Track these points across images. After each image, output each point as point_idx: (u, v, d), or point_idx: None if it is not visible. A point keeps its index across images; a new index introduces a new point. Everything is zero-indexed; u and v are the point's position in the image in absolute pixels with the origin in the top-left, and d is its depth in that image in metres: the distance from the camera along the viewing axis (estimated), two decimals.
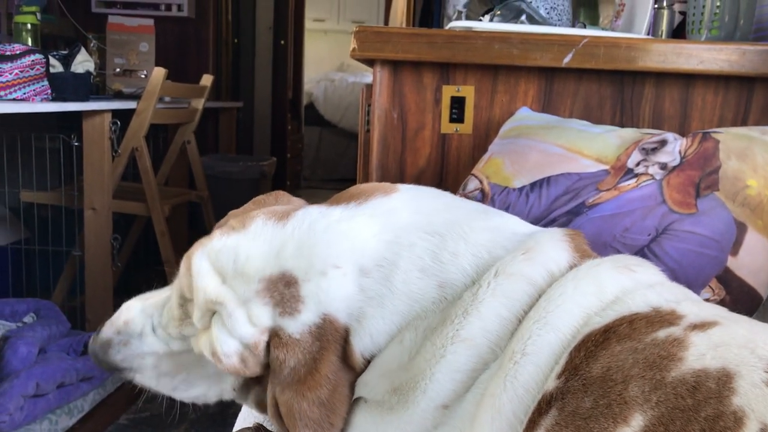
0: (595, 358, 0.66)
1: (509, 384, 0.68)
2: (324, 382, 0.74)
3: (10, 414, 1.83)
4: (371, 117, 1.50)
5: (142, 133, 2.55)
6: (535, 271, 0.75)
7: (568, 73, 1.43)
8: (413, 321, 0.75)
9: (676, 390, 0.60)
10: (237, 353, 0.76)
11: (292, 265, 0.76)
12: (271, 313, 0.75)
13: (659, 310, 0.69)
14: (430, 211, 0.81)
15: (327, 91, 6.84)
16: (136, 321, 0.86)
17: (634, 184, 1.05)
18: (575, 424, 0.63)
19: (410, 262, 0.76)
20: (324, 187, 6.58)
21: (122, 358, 0.85)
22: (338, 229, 0.78)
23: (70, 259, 2.60)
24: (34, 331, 2.10)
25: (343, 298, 0.75)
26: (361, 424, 0.76)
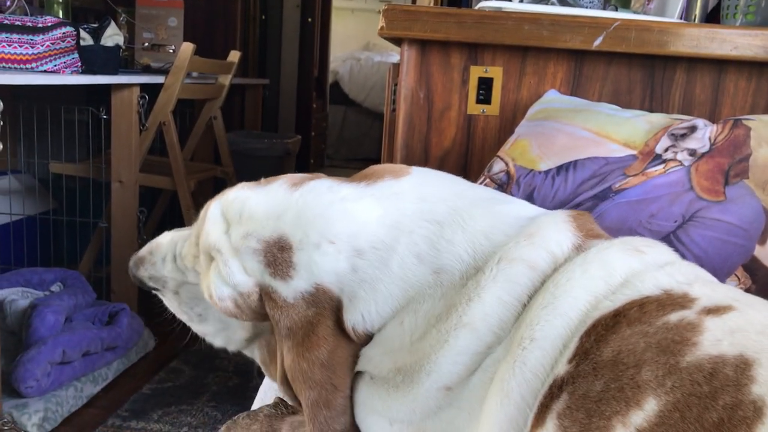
0: (605, 342, 0.66)
1: (518, 369, 0.68)
2: (322, 342, 0.76)
3: (37, 380, 1.88)
4: (397, 96, 1.50)
5: (170, 108, 2.57)
6: (537, 254, 0.75)
7: (598, 57, 1.42)
8: (411, 304, 0.77)
9: (692, 376, 0.59)
10: (231, 298, 0.79)
11: (289, 231, 0.79)
12: (264, 271, 0.78)
13: (670, 293, 0.69)
14: (435, 198, 0.82)
15: (353, 70, 6.82)
16: (163, 247, 0.91)
17: (662, 170, 1.04)
18: (586, 407, 0.63)
19: (407, 248, 0.78)
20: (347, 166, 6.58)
21: (149, 276, 0.91)
22: (341, 206, 0.80)
23: (97, 230, 2.63)
24: (61, 300, 2.14)
25: (334, 272, 0.77)
26: (368, 399, 0.78)
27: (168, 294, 0.92)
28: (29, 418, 1.83)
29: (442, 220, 0.80)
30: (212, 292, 0.80)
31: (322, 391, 0.76)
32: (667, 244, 0.98)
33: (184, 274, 0.89)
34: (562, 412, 0.64)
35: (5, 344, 2.00)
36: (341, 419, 0.78)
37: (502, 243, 0.77)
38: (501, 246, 0.77)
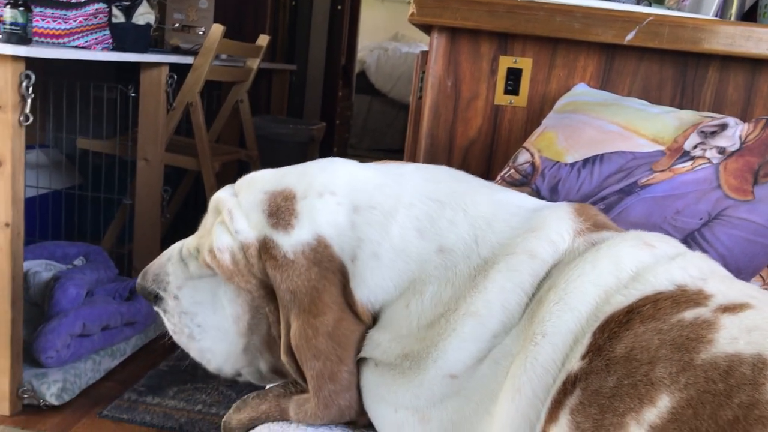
0: (618, 338, 0.66)
1: (529, 365, 0.69)
2: (327, 310, 0.76)
3: (57, 351, 1.91)
4: (424, 84, 1.50)
5: (197, 89, 2.58)
6: (537, 244, 0.76)
7: (629, 51, 1.40)
8: (416, 284, 0.77)
9: (707, 373, 0.59)
10: (229, 250, 0.79)
11: (294, 183, 0.81)
12: (266, 222, 0.79)
13: (685, 289, 0.68)
14: (437, 180, 0.84)
15: (380, 60, 6.81)
16: (171, 249, 0.91)
17: (690, 167, 1.03)
18: (599, 402, 0.63)
19: (407, 219, 0.79)
20: (370, 156, 6.57)
21: (153, 277, 0.90)
22: (344, 167, 0.83)
23: (121, 207, 2.66)
24: (83, 274, 2.17)
25: (333, 224, 0.78)
26: (373, 386, 0.78)
27: (169, 302, 0.89)
28: (48, 388, 1.86)
29: (443, 200, 0.81)
30: (213, 243, 0.81)
31: (327, 362, 0.76)
32: (692, 241, 0.97)
33: (186, 267, 0.88)
34: (575, 407, 0.64)
35: (28, 315, 2.04)
36: (346, 395, 0.78)
37: (503, 232, 0.78)
38: (502, 235, 0.78)
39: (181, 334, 0.90)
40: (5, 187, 1.71)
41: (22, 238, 1.79)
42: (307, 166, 0.84)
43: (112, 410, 1.91)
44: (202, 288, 0.87)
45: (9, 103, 1.66)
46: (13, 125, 1.67)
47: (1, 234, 1.73)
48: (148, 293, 0.90)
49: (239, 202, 0.81)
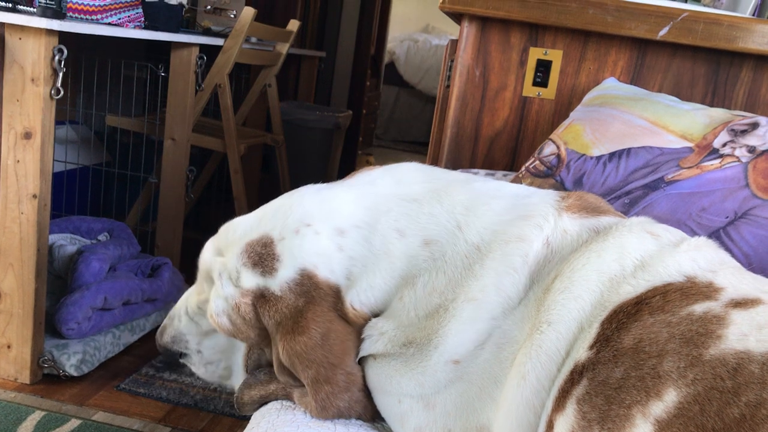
0: (626, 329, 0.65)
1: (534, 353, 0.70)
2: (312, 325, 0.77)
3: (78, 323, 1.93)
4: (453, 72, 1.49)
5: (227, 71, 2.60)
6: (527, 229, 0.77)
7: (662, 47, 1.38)
8: (409, 279, 0.79)
9: (715, 370, 0.58)
10: (225, 313, 0.83)
11: (269, 227, 0.83)
12: (252, 273, 0.81)
13: (695, 281, 0.68)
14: (409, 181, 0.86)
15: (409, 52, 6.79)
16: (178, 305, 0.97)
17: (718, 165, 1.01)
18: (605, 393, 0.63)
19: (387, 225, 0.81)
20: (395, 147, 6.57)
21: (170, 339, 0.96)
22: (314, 195, 0.85)
23: (147, 185, 2.69)
24: (106, 249, 2.20)
25: (318, 253, 0.80)
26: (376, 381, 0.80)
27: (193, 357, 0.96)
28: (68, 359, 1.89)
29: (419, 199, 0.83)
30: (211, 309, 0.84)
31: (320, 368, 0.78)
32: (716, 239, 0.96)
33: (198, 324, 0.93)
34: (582, 397, 0.64)
35: (51, 287, 2.07)
36: (344, 396, 0.79)
37: (487, 216, 0.80)
38: (488, 220, 0.79)
39: (213, 377, 0.96)
40: (34, 159, 1.73)
41: (48, 210, 1.82)
42: (278, 206, 0.86)
43: (129, 384, 1.94)
44: (221, 338, 0.93)
45: (41, 76, 1.68)
46: (44, 98, 1.70)
47: (29, 205, 1.76)
48: (173, 353, 0.96)
49: (225, 264, 0.85)
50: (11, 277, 1.81)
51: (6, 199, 1.77)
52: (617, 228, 0.76)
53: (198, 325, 0.94)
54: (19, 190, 1.75)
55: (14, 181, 1.75)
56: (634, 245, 0.73)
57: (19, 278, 1.81)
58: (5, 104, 1.71)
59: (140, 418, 1.78)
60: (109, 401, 1.84)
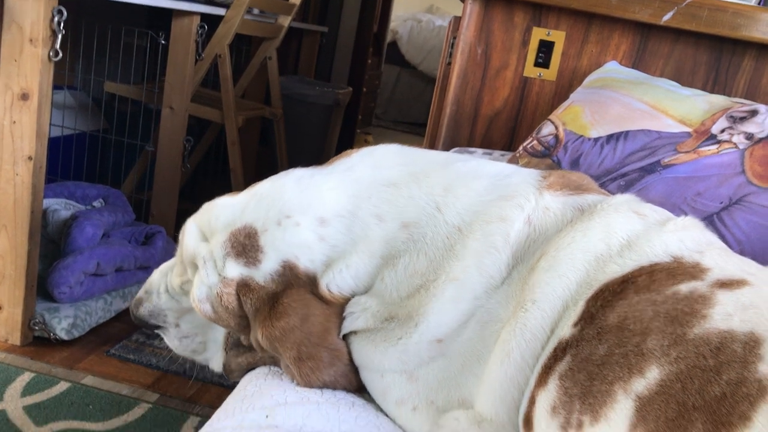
0: (611, 307, 0.66)
1: (518, 330, 0.70)
2: (289, 310, 0.78)
3: (70, 287, 1.94)
4: (454, 50, 1.48)
5: (227, 41, 2.58)
6: (508, 210, 0.77)
7: (665, 32, 1.38)
8: (389, 260, 0.79)
9: (698, 348, 0.59)
10: (208, 300, 0.84)
11: (252, 218, 0.83)
12: (236, 263, 0.82)
13: (681, 261, 0.68)
14: (387, 165, 0.86)
15: (412, 31, 6.74)
16: (156, 280, 0.96)
17: (715, 150, 1.02)
18: (587, 369, 0.63)
19: (367, 211, 0.81)
20: (395, 128, 6.55)
21: (148, 313, 0.96)
22: (294, 185, 0.85)
23: (143, 153, 2.68)
24: (101, 215, 2.19)
25: (299, 245, 0.81)
26: (359, 357, 0.81)
27: (170, 330, 0.96)
28: (59, 322, 1.89)
29: (398, 182, 0.83)
30: (194, 295, 0.85)
31: (301, 347, 0.78)
32: (710, 224, 0.96)
33: (178, 302, 0.94)
34: (565, 373, 0.65)
35: (44, 251, 2.07)
36: (329, 371, 0.80)
37: (467, 197, 0.80)
38: (468, 200, 0.79)
39: (185, 351, 0.97)
40: (30, 120, 1.73)
41: (43, 172, 1.81)
42: (262, 195, 0.86)
43: (119, 350, 1.94)
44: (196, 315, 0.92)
45: (40, 37, 1.66)
46: (42, 59, 1.68)
47: (24, 167, 1.75)
48: (150, 326, 0.97)
49: (210, 252, 0.85)
50: (4, 239, 1.81)
51: (1, 160, 1.76)
52: (603, 207, 0.76)
53: (179, 302, 0.94)
54: (14, 152, 1.75)
55: (10, 143, 1.74)
56: (620, 225, 0.73)
57: (13, 240, 1.80)
58: (3, 64, 1.70)
59: (129, 384, 1.78)
60: (98, 366, 1.85)
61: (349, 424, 0.72)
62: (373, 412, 0.77)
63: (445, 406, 0.75)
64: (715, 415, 0.54)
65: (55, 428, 1.54)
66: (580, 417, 0.62)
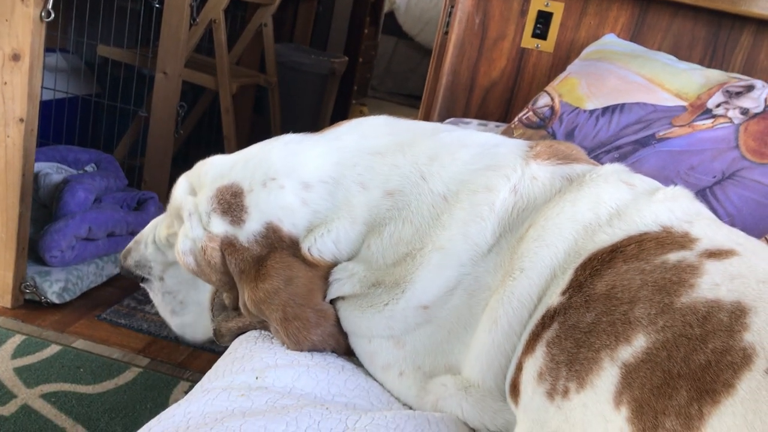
0: (599, 276, 0.66)
1: (506, 298, 0.71)
2: (272, 272, 0.79)
3: (62, 251, 1.93)
4: (452, 19, 1.47)
5: (222, 6, 2.55)
6: (494, 180, 0.78)
7: (664, 6, 1.37)
8: (374, 227, 0.80)
9: (685, 317, 0.59)
10: (191, 252, 0.85)
11: (239, 177, 0.84)
12: (221, 220, 0.83)
13: (670, 231, 0.69)
14: (374, 134, 0.87)
15: (410, 2, 6.67)
16: (146, 231, 0.98)
17: (710, 125, 1.01)
18: (574, 336, 0.64)
19: (351, 179, 0.82)
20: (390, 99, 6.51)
21: (134, 262, 0.98)
22: (282, 148, 0.86)
23: (136, 119, 2.66)
24: (93, 180, 2.18)
25: (282, 207, 0.82)
26: (347, 323, 0.82)
27: (155, 283, 0.98)
28: (50, 286, 1.89)
29: (383, 151, 0.83)
30: (178, 246, 0.86)
31: (286, 308, 0.79)
32: (702, 198, 0.96)
33: (164, 254, 0.95)
34: (552, 340, 0.65)
35: (36, 215, 2.06)
36: (316, 330, 0.80)
37: (453, 166, 0.80)
38: (453, 169, 0.80)
39: (164, 310, 0.98)
40: (22, 82, 1.70)
41: (35, 135, 1.79)
42: (251, 156, 0.87)
43: (110, 314, 1.95)
44: (184, 271, 0.93)
45: None
46: (33, 19, 1.66)
47: (15, 129, 1.74)
48: (135, 276, 0.98)
49: (196, 205, 0.86)
50: None
51: None
52: (592, 177, 0.76)
53: (164, 254, 0.96)
54: (5, 113, 1.73)
55: (1, 104, 1.73)
56: (609, 194, 0.74)
57: (3, 202, 1.79)
58: None
59: (120, 348, 1.79)
60: (89, 330, 1.85)
61: (338, 387, 0.72)
62: (363, 377, 0.78)
63: (431, 371, 0.76)
64: (700, 382, 0.55)
65: (46, 390, 1.55)
66: (566, 384, 0.63)
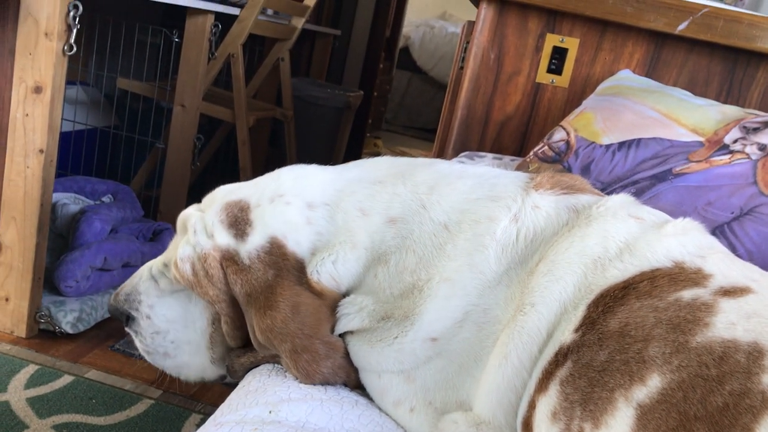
0: (612, 313, 0.65)
1: (516, 333, 0.71)
2: (280, 300, 0.78)
3: (77, 281, 1.94)
4: (467, 54, 1.48)
5: (240, 41, 2.59)
6: (498, 211, 0.78)
7: (679, 42, 1.37)
8: (381, 257, 0.80)
9: (701, 357, 0.58)
10: (189, 260, 0.84)
11: (249, 194, 0.86)
12: (226, 232, 0.83)
13: (683, 267, 0.68)
14: (377, 168, 0.89)
15: (425, 37, 6.75)
16: (142, 269, 0.95)
17: (727, 160, 1.01)
18: (588, 375, 0.63)
19: (350, 204, 0.83)
20: (404, 133, 6.55)
21: (123, 297, 0.92)
22: (290, 172, 0.89)
23: (153, 150, 2.69)
24: (109, 211, 2.20)
25: (287, 222, 0.82)
26: (356, 358, 0.81)
27: (141, 322, 0.91)
28: (64, 316, 1.89)
29: (383, 180, 0.85)
30: (177, 254, 0.85)
31: (295, 339, 0.78)
32: (720, 234, 0.95)
33: (156, 283, 0.91)
34: (565, 379, 0.64)
35: (52, 245, 2.07)
36: (326, 362, 0.79)
37: (451, 196, 0.81)
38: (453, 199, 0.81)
39: (156, 354, 0.93)
40: (43, 113, 1.73)
41: (54, 166, 1.82)
42: (261, 178, 0.91)
43: (123, 345, 1.94)
44: (174, 304, 0.91)
45: (55, 30, 1.67)
46: (56, 53, 1.69)
47: (35, 159, 1.76)
48: (120, 314, 0.93)
49: (203, 217, 0.87)
50: (13, 231, 1.81)
51: (12, 152, 1.77)
52: (599, 211, 0.76)
53: (157, 284, 0.91)
54: (26, 144, 1.75)
55: (22, 135, 1.75)
56: (617, 228, 0.73)
57: (21, 232, 1.81)
58: (17, 57, 1.71)
59: (132, 379, 1.79)
60: (102, 360, 1.85)
61: (352, 422, 0.71)
62: (377, 412, 0.77)
63: (443, 407, 0.75)
64: (717, 426, 0.54)
65: (58, 421, 1.54)
66: (581, 424, 0.62)
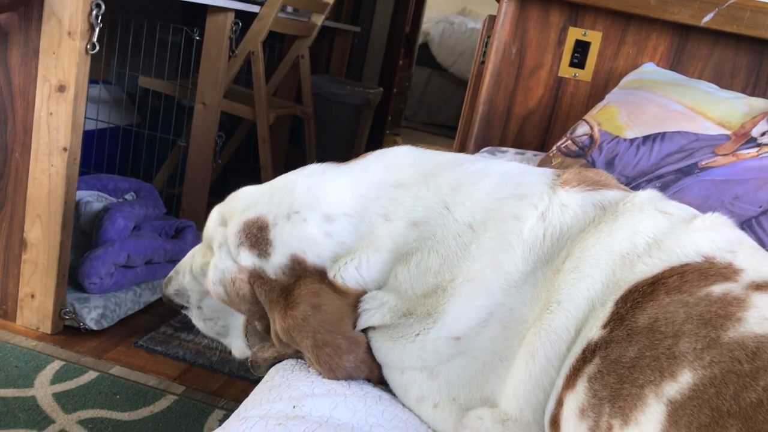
0: (641, 308, 0.65)
1: (543, 331, 0.70)
2: (300, 300, 0.79)
3: (101, 278, 1.96)
4: (489, 49, 1.47)
5: (261, 38, 2.59)
6: (523, 209, 0.77)
7: (704, 34, 1.35)
8: (401, 257, 0.80)
9: (733, 353, 0.57)
10: (221, 283, 0.86)
11: (265, 210, 0.85)
12: (249, 253, 0.84)
13: (713, 262, 0.67)
14: (398, 166, 0.87)
15: (444, 33, 6.73)
16: (184, 261, 1.00)
17: (755, 153, 0.99)
18: (618, 372, 0.62)
19: (374, 211, 0.82)
20: (424, 129, 6.54)
21: (174, 291, 1.00)
22: (304, 181, 0.86)
23: (175, 148, 2.71)
24: (132, 208, 2.22)
25: (306, 240, 0.82)
26: (379, 354, 0.81)
27: (193, 311, 1.00)
28: (88, 312, 1.91)
29: (406, 183, 0.83)
30: (209, 278, 0.87)
31: (317, 335, 0.78)
32: (748, 228, 0.94)
33: (200, 283, 0.97)
34: (594, 375, 0.64)
35: (76, 242, 2.09)
36: (349, 357, 0.80)
37: (476, 195, 0.80)
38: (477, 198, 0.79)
39: (211, 332, 1.01)
40: (66, 112, 1.75)
41: (77, 164, 1.83)
42: (277, 188, 0.88)
43: (147, 341, 1.96)
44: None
45: (78, 30, 1.69)
46: (79, 52, 1.71)
47: (59, 158, 1.78)
48: (175, 305, 1.01)
49: (225, 237, 0.88)
50: (38, 228, 1.83)
51: (37, 151, 1.79)
52: (626, 206, 0.75)
53: (200, 284, 0.97)
54: (50, 143, 1.77)
55: (46, 134, 1.77)
56: (645, 224, 0.72)
57: (46, 229, 1.83)
58: (41, 56, 1.73)
59: (156, 375, 1.80)
60: (126, 356, 1.87)
61: (375, 418, 0.71)
62: (400, 408, 0.77)
63: (467, 403, 0.75)
64: (751, 422, 0.53)
65: (83, 416, 1.56)
66: (609, 420, 0.61)
